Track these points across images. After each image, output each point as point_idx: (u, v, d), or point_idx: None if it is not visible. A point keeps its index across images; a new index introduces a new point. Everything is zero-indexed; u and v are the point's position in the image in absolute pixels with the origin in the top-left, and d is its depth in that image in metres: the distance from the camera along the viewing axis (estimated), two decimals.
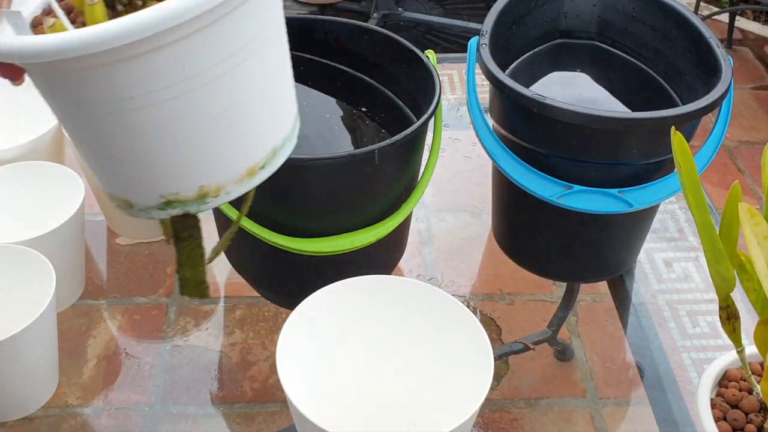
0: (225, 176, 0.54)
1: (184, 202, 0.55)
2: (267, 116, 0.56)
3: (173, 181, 0.54)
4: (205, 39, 0.48)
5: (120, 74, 0.47)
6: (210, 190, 0.54)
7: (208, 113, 0.51)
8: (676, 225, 0.98)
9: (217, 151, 0.54)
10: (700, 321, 0.86)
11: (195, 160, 0.53)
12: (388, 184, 0.75)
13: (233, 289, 0.89)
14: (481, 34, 0.80)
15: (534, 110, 0.73)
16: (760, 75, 2.38)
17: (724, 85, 0.74)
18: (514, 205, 0.86)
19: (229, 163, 0.54)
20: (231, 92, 0.52)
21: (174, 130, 0.51)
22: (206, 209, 0.55)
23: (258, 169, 0.55)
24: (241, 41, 0.51)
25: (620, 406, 0.79)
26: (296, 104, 0.61)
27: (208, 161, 0.54)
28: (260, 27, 0.52)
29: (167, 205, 0.55)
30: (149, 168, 0.53)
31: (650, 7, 0.86)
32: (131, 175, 0.54)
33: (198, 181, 0.54)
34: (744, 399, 0.64)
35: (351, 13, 2.60)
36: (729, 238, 0.58)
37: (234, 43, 0.50)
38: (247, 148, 0.55)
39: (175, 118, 0.51)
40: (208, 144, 0.53)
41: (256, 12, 0.51)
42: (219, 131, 0.53)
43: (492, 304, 0.89)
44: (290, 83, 0.59)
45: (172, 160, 0.53)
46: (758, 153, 2.07)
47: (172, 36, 0.46)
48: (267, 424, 0.77)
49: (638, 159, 0.76)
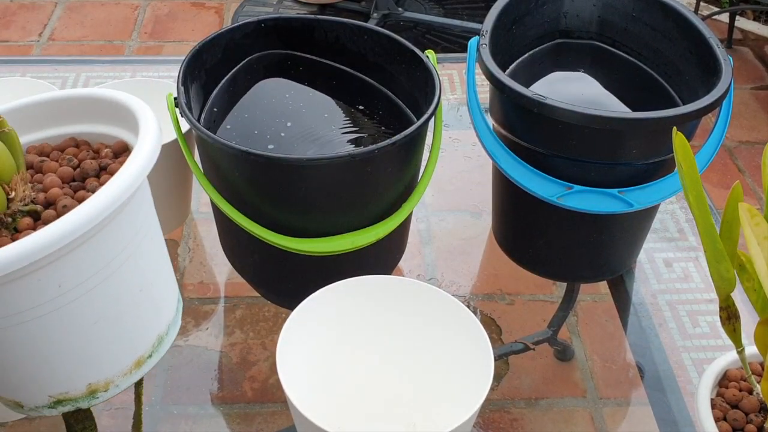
0: (112, 371, 0.56)
1: (74, 400, 0.56)
2: (149, 308, 0.57)
3: (61, 382, 0.55)
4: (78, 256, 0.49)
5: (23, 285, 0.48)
6: (99, 386, 0.56)
7: (90, 319, 0.52)
8: (677, 225, 0.98)
9: (102, 351, 0.55)
10: (700, 321, 0.86)
11: (81, 361, 0.54)
12: (388, 184, 0.75)
13: (233, 289, 0.89)
14: (481, 34, 0.80)
15: (534, 110, 0.73)
16: (760, 75, 2.38)
17: (725, 85, 0.74)
18: (514, 205, 0.86)
19: (115, 359, 0.56)
20: (111, 295, 0.53)
21: (57, 338, 0.52)
22: (97, 403, 0.57)
23: (146, 359, 0.58)
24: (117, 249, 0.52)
25: (620, 406, 0.80)
26: (176, 286, 0.62)
27: (94, 361, 0.55)
28: (134, 232, 0.53)
29: (57, 403, 0.56)
30: (35, 373, 0.54)
31: (650, 7, 0.86)
32: (16, 379, 0.55)
33: (86, 379, 0.55)
34: (744, 399, 0.64)
35: (351, 12, 2.60)
36: (729, 238, 0.58)
37: (109, 252, 0.51)
38: (132, 343, 0.57)
39: (57, 327, 0.51)
40: (93, 346, 0.54)
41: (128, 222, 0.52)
42: (102, 333, 0.54)
43: (492, 304, 0.89)
44: (168, 268, 0.60)
45: (58, 364, 0.54)
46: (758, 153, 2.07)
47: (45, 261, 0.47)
48: (267, 424, 0.77)
49: (638, 159, 0.76)
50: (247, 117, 0.81)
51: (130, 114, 0.57)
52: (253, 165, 0.71)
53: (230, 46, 0.84)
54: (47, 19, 2.53)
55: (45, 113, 0.59)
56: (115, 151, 0.58)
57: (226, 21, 2.56)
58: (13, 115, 0.59)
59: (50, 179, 0.54)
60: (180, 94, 0.75)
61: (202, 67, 0.82)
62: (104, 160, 0.56)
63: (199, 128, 0.71)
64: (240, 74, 0.86)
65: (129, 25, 2.52)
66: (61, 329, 0.52)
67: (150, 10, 2.59)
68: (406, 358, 0.71)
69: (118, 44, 2.44)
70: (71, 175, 0.55)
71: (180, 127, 0.79)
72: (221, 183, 0.75)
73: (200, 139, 0.75)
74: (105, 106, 0.58)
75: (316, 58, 0.88)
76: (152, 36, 2.47)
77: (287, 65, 0.88)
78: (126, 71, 1.19)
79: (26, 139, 0.60)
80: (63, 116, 0.60)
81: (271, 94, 0.85)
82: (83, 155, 0.56)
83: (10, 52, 2.37)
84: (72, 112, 0.60)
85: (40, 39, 2.44)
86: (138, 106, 0.57)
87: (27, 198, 0.52)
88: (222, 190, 0.75)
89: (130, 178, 0.50)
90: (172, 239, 0.94)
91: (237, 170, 0.73)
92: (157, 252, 0.59)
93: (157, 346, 0.59)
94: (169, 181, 0.89)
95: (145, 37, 2.47)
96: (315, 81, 0.87)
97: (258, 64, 0.87)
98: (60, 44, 2.42)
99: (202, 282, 0.90)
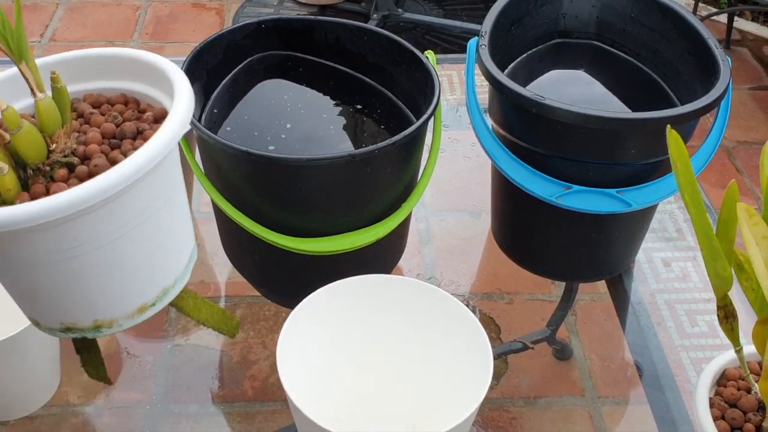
0: (118, 313, 0.61)
1: (82, 330, 0.61)
2: (160, 263, 0.62)
3: (72, 315, 0.60)
4: (97, 217, 0.53)
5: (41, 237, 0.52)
6: (104, 322, 0.61)
7: (101, 270, 0.57)
8: (675, 225, 0.98)
9: (112, 293, 0.59)
10: (698, 320, 0.86)
11: (90, 302, 0.59)
12: (388, 184, 0.75)
13: (234, 289, 0.90)
14: (481, 35, 0.81)
15: (533, 110, 0.73)
16: (759, 75, 2.38)
17: (723, 86, 0.74)
18: (513, 205, 0.86)
19: (122, 303, 0.60)
20: (125, 252, 0.57)
21: (71, 282, 0.57)
22: (102, 336, 0.62)
23: (149, 306, 0.62)
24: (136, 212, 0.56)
25: (619, 405, 0.80)
26: (193, 241, 0.66)
27: (103, 302, 0.60)
28: (155, 197, 0.57)
29: (67, 330, 0.61)
30: (51, 304, 0.60)
31: (649, 7, 0.86)
32: (37, 306, 0.61)
33: (93, 315, 0.60)
34: (742, 398, 0.64)
35: (351, 13, 2.60)
36: (726, 237, 0.58)
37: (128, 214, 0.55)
38: (140, 291, 0.61)
39: (71, 274, 0.56)
40: (105, 288, 0.58)
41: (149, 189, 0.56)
42: (113, 281, 0.58)
43: (491, 304, 0.89)
44: (187, 227, 0.65)
45: (70, 301, 0.59)
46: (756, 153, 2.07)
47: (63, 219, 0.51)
48: (267, 423, 0.77)
49: (637, 159, 0.76)
50: (247, 118, 0.82)
51: (170, 83, 0.60)
52: (254, 165, 0.71)
53: (231, 46, 0.85)
54: (49, 20, 2.53)
55: (106, 67, 0.63)
56: (156, 116, 0.60)
57: (227, 22, 2.56)
58: (76, 63, 0.63)
59: (92, 135, 0.57)
60: None
61: (203, 68, 0.82)
62: (143, 124, 0.58)
63: (200, 128, 0.71)
64: (241, 75, 0.86)
65: (130, 25, 2.52)
66: (75, 276, 0.56)
67: (151, 11, 2.60)
68: (405, 357, 0.71)
69: (119, 45, 2.44)
70: (112, 132, 0.57)
71: None
72: (222, 183, 0.76)
73: (201, 140, 0.76)
74: (152, 70, 0.62)
75: (317, 59, 0.88)
76: (153, 37, 2.47)
77: (288, 66, 0.88)
78: None
79: (85, 87, 0.64)
80: (120, 72, 0.63)
81: (272, 95, 0.85)
82: (128, 114, 0.59)
83: None
84: (127, 71, 0.63)
85: (41, 40, 2.44)
86: (178, 77, 0.60)
87: (67, 149, 0.54)
88: (223, 190, 0.76)
89: (155, 150, 0.53)
90: None
91: (238, 170, 0.73)
92: (179, 212, 0.62)
93: (162, 296, 0.62)
94: None
95: (146, 37, 2.47)
96: (315, 81, 0.87)
97: (258, 65, 0.87)
98: (61, 45, 2.42)
99: (202, 281, 0.90)
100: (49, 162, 0.54)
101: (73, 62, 0.63)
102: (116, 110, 0.60)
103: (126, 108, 0.61)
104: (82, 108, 0.61)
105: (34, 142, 0.52)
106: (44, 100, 0.53)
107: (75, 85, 0.63)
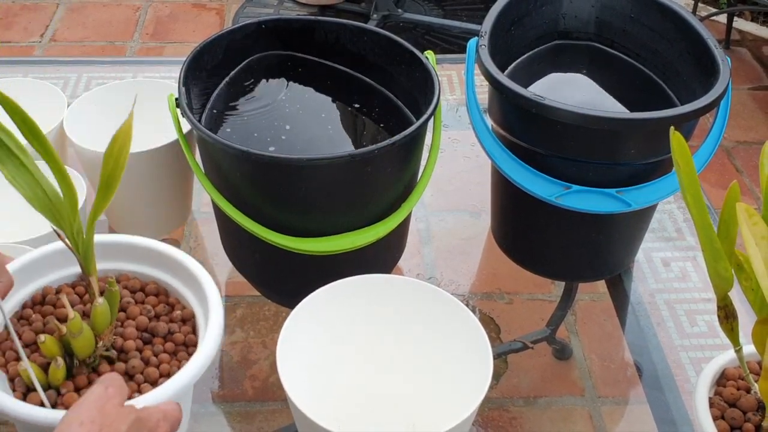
0: None
1: None
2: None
3: None
4: None
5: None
6: None
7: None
8: (674, 225, 0.98)
9: None
10: (698, 320, 0.86)
11: None
12: (388, 184, 0.75)
13: (234, 288, 0.90)
14: (480, 35, 0.81)
15: (533, 111, 0.73)
16: (758, 75, 2.38)
17: (722, 86, 0.74)
18: (513, 205, 0.86)
19: None
20: None
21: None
22: None
23: None
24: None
25: (618, 404, 0.80)
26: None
27: None
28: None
29: None
30: None
31: (648, 8, 0.86)
32: None
33: None
34: (742, 398, 0.64)
35: (351, 14, 2.60)
36: (727, 237, 0.58)
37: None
38: None
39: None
40: None
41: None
42: None
43: (491, 303, 0.89)
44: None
45: None
46: (756, 153, 2.07)
47: None
48: (267, 423, 0.77)
49: (636, 159, 0.76)
50: (246, 118, 0.82)
51: (205, 298, 0.64)
52: (254, 165, 0.71)
53: (231, 47, 0.85)
54: (49, 20, 2.53)
55: (144, 255, 0.68)
56: (184, 317, 0.65)
57: (227, 22, 2.56)
58: (115, 246, 0.68)
59: (129, 330, 0.62)
60: (181, 94, 0.76)
61: (203, 68, 0.82)
62: (173, 325, 0.64)
63: (200, 128, 0.71)
64: (241, 75, 0.86)
65: (130, 26, 2.52)
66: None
67: (151, 11, 2.60)
68: (405, 357, 0.71)
69: (119, 45, 2.44)
70: (146, 326, 0.63)
71: (181, 128, 0.80)
72: (222, 183, 0.76)
73: (201, 140, 0.76)
74: (188, 275, 0.66)
75: (317, 59, 0.88)
76: (153, 37, 2.47)
77: (288, 66, 0.88)
78: (127, 72, 1.20)
79: (120, 267, 0.68)
80: (156, 263, 0.68)
81: (272, 95, 0.85)
82: (160, 309, 0.65)
83: (12, 53, 2.37)
84: (165, 264, 0.67)
85: (42, 40, 2.44)
86: (213, 295, 0.64)
87: (108, 343, 0.60)
88: (223, 190, 0.76)
89: (177, 386, 0.58)
90: (173, 239, 0.95)
91: (238, 170, 0.73)
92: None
93: None
94: (171, 181, 0.89)
95: (147, 38, 2.47)
96: (315, 81, 0.87)
97: (258, 65, 0.87)
98: (62, 45, 2.43)
99: None
100: (94, 356, 0.59)
101: (112, 245, 0.68)
102: (150, 303, 0.66)
103: (158, 301, 0.66)
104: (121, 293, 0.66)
105: (87, 344, 0.58)
106: (101, 307, 0.58)
107: (111, 263, 0.68)
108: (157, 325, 0.63)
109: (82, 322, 0.57)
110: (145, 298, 0.66)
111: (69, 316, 0.56)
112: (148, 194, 0.88)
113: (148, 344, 0.63)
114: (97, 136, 0.82)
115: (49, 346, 0.57)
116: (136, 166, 0.79)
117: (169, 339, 0.63)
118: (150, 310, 0.65)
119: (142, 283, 0.68)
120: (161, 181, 0.88)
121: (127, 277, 0.68)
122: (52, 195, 0.56)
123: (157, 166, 0.86)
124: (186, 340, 0.63)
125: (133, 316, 0.64)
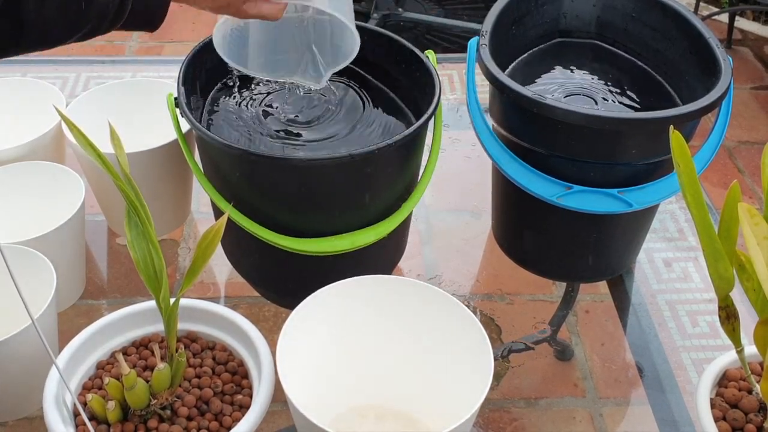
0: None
1: None
2: None
3: None
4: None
5: None
6: None
7: None
8: (676, 225, 0.98)
9: None
10: (699, 321, 0.86)
11: None
12: (388, 184, 0.75)
13: (234, 289, 0.89)
14: (481, 34, 0.81)
15: (533, 110, 0.73)
16: (760, 75, 2.38)
17: (724, 85, 0.74)
18: (514, 205, 0.86)
19: None
20: None
21: None
22: None
23: None
24: None
25: (620, 405, 0.80)
26: None
27: None
28: None
29: None
30: None
31: (650, 7, 0.86)
32: None
33: None
34: (744, 399, 0.64)
35: None
36: (728, 237, 0.58)
37: None
38: None
39: None
40: None
41: None
42: None
43: (492, 304, 0.89)
44: None
45: None
46: (758, 153, 2.07)
47: None
48: (267, 424, 0.77)
49: (638, 159, 0.76)
50: (246, 117, 0.82)
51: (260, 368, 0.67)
52: (253, 165, 0.71)
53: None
54: None
55: (213, 318, 0.71)
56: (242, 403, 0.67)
57: None
58: (188, 310, 0.71)
59: (189, 399, 0.65)
60: (180, 94, 0.75)
61: (203, 68, 0.82)
62: (229, 407, 0.66)
63: (199, 128, 0.71)
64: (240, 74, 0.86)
65: None
66: None
67: None
68: (405, 358, 0.71)
69: (118, 44, 2.44)
70: (208, 399, 0.66)
71: (180, 127, 0.79)
72: (221, 183, 0.76)
73: (200, 139, 0.76)
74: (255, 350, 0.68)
75: None
76: (153, 36, 2.47)
77: None
78: (127, 71, 1.19)
79: (190, 326, 0.72)
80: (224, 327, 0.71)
81: (272, 95, 0.85)
82: (227, 388, 0.67)
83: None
84: (233, 331, 0.71)
85: None
86: (268, 368, 0.66)
87: (166, 402, 0.64)
88: (222, 190, 0.76)
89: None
90: (172, 239, 0.95)
91: (237, 170, 0.73)
92: None
93: None
94: (170, 181, 0.89)
95: (146, 37, 2.47)
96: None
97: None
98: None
99: (202, 282, 0.90)
100: (147, 410, 0.63)
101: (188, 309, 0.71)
102: (223, 379, 0.68)
103: (231, 380, 0.68)
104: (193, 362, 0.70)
105: (138, 399, 0.62)
106: (162, 372, 0.62)
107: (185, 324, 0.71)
108: (213, 403, 0.66)
109: (138, 379, 0.62)
110: (224, 370, 0.69)
111: (124, 371, 0.61)
112: (147, 194, 0.87)
113: (201, 416, 0.65)
114: (95, 135, 0.81)
115: (111, 388, 0.63)
116: (135, 166, 0.79)
117: (219, 417, 0.65)
118: (218, 386, 0.67)
119: (206, 342, 0.71)
120: (160, 181, 0.88)
121: (194, 333, 0.71)
122: (158, 267, 0.61)
123: (157, 166, 0.85)
124: (232, 422, 0.65)
125: (201, 386, 0.67)
